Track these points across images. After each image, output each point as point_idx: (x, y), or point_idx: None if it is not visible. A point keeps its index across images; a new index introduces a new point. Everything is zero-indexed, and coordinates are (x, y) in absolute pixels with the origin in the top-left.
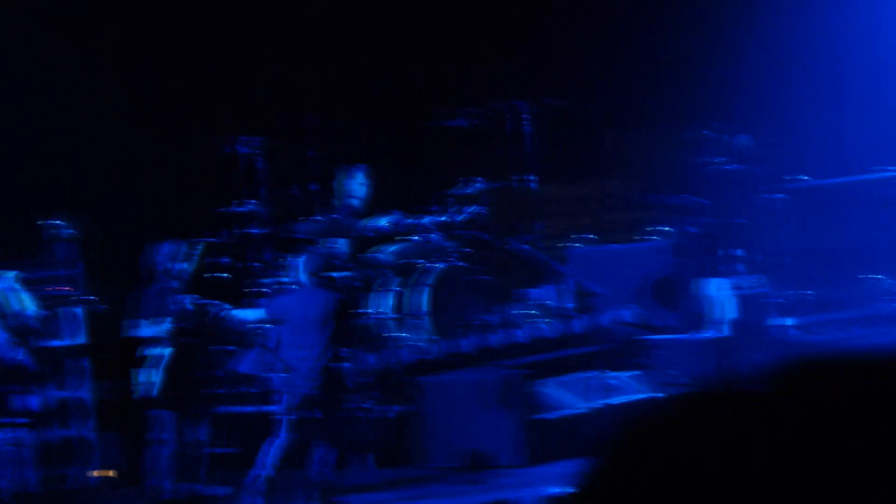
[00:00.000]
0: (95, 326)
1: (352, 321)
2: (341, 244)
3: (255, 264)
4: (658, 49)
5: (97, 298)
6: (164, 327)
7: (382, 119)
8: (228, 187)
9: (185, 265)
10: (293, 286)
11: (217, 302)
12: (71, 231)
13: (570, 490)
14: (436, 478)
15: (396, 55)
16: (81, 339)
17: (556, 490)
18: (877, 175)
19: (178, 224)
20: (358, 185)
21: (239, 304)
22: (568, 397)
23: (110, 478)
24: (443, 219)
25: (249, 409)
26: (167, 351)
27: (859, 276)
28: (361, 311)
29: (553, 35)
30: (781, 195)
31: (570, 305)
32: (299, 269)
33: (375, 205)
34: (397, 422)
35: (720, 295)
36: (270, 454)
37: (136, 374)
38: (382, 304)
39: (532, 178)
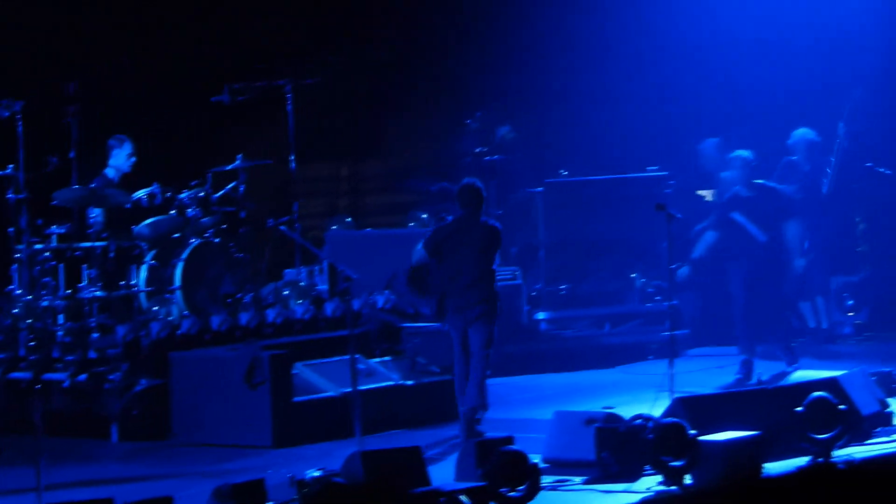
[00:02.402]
0: None
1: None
2: (97, 214)
3: (10, 230)
4: (423, 34)
5: None
6: None
7: (148, 91)
8: None
9: None
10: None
11: None
12: None
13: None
14: (182, 454)
15: (166, 28)
16: None
17: (308, 472)
18: (634, 175)
19: None
20: (118, 156)
21: None
22: (318, 381)
23: None
24: (200, 194)
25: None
26: None
27: (614, 274)
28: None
29: (318, 15)
30: (539, 188)
31: (324, 288)
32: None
33: (135, 176)
34: (145, 395)
35: None
36: None
37: None
38: (136, 277)
39: (292, 157)
